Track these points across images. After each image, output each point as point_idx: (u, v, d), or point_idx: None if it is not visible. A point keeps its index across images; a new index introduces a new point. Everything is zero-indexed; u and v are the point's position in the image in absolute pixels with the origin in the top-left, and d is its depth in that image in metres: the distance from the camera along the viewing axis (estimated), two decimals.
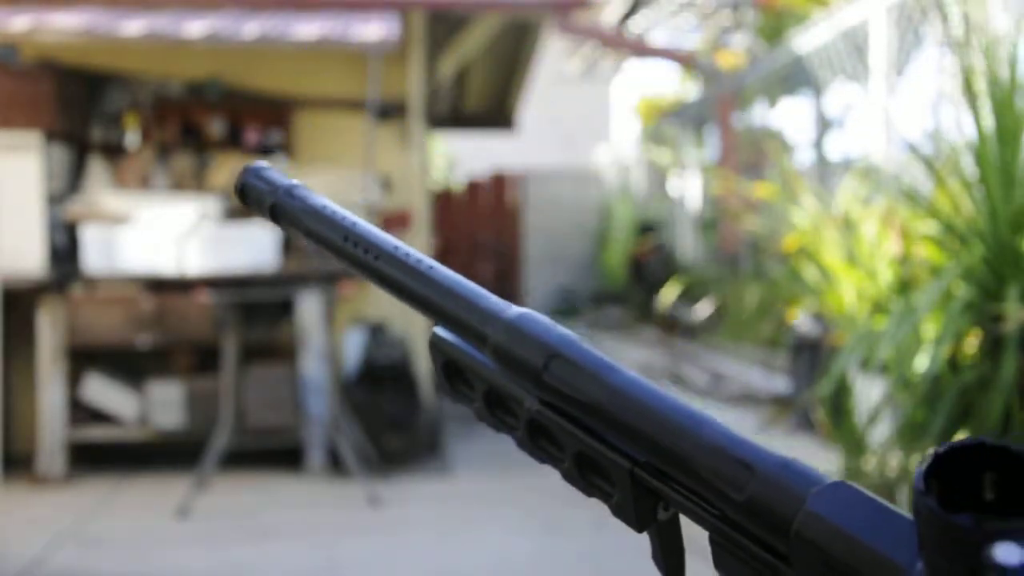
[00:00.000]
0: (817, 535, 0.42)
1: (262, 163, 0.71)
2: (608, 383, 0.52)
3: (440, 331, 0.62)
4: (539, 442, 0.57)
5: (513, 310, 0.57)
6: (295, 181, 0.69)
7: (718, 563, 0.49)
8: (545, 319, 0.57)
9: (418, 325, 6.77)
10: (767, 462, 0.46)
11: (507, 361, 0.56)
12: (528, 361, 0.55)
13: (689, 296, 9.90)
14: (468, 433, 6.89)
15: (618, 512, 0.55)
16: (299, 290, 5.75)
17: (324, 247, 0.65)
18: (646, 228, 11.29)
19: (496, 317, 0.57)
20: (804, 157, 9.25)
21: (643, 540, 0.56)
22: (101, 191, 6.16)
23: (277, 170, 0.71)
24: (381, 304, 6.68)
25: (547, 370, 0.54)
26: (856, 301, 4.74)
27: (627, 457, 0.53)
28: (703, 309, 9.64)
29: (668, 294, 9.56)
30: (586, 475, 0.56)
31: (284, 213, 0.68)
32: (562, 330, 0.56)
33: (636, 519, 0.54)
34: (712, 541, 0.49)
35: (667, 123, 11.85)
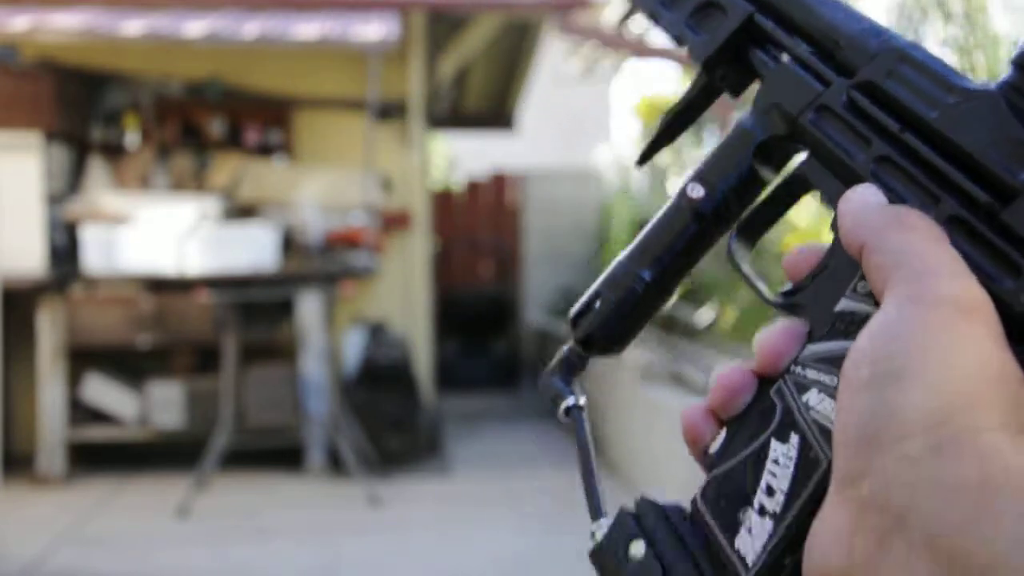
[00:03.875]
0: None
1: None
2: None
3: None
4: None
5: None
6: None
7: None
8: None
9: (418, 325, 6.77)
10: None
11: None
12: None
13: (689, 297, 9.89)
14: (468, 433, 6.89)
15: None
16: (299, 290, 5.74)
17: None
18: None
19: None
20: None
21: None
22: (101, 191, 6.15)
23: None
24: (381, 304, 6.68)
25: None
26: None
27: None
28: (703, 309, 9.64)
29: None
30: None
31: None
32: None
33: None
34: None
35: None
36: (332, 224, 6.25)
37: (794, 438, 0.43)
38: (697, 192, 0.50)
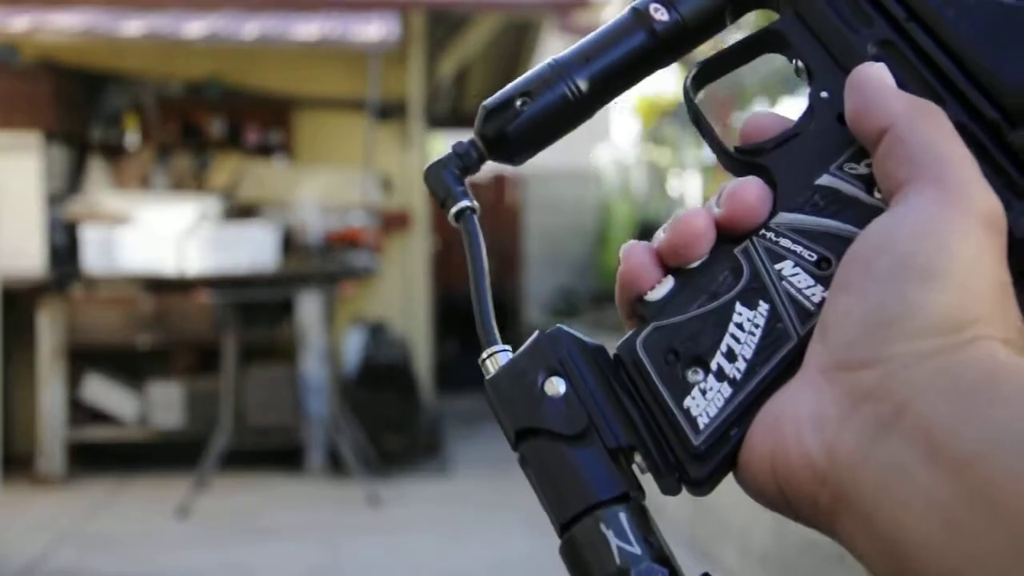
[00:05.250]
0: None
1: None
2: None
3: None
4: None
5: None
6: None
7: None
8: None
9: (418, 325, 6.77)
10: None
11: None
12: None
13: None
14: (468, 433, 6.89)
15: None
16: (299, 290, 5.74)
17: None
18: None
19: None
20: None
21: None
22: (101, 191, 6.15)
23: None
24: (381, 304, 6.68)
25: None
26: None
27: None
28: None
29: None
30: None
31: None
32: None
33: None
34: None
35: (667, 123, 11.85)
36: (332, 224, 6.25)
37: (763, 306, 0.41)
38: (662, 15, 0.46)
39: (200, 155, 6.66)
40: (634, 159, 12.57)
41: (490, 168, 0.50)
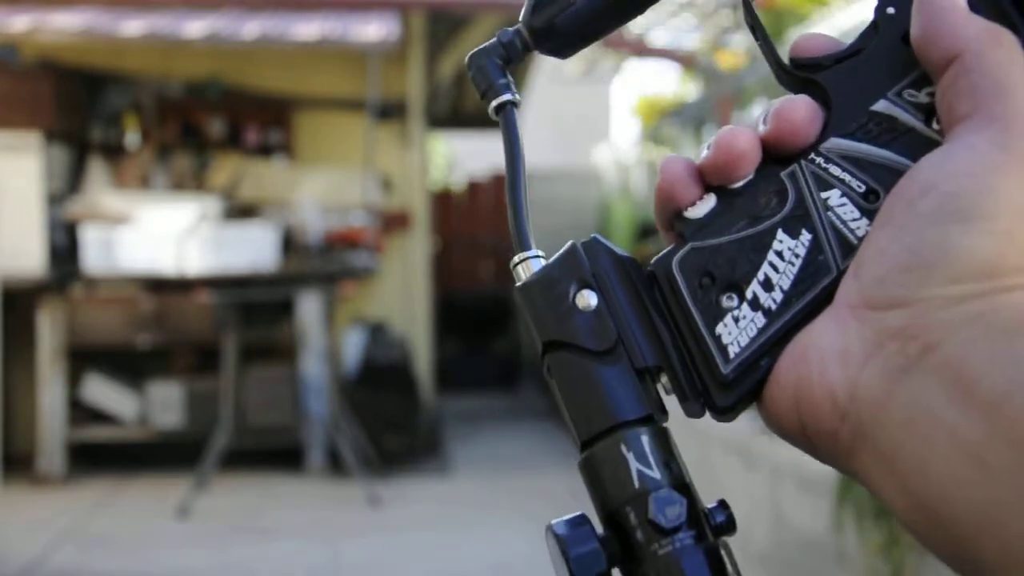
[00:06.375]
0: None
1: None
2: None
3: None
4: None
5: None
6: None
7: None
8: None
9: (418, 325, 6.77)
10: None
11: None
12: None
13: None
14: (468, 433, 6.89)
15: None
16: (299, 290, 5.74)
17: None
18: (646, 235, 11.30)
19: None
20: None
21: None
22: (101, 191, 6.15)
23: None
24: (381, 304, 6.68)
25: None
26: None
27: None
28: None
29: None
30: None
31: None
32: None
33: None
34: None
35: (667, 123, 11.85)
36: (332, 224, 6.25)
37: (805, 235, 0.39)
38: None
39: (200, 155, 6.65)
40: (634, 159, 12.57)
41: (491, 168, 0.49)
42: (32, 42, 5.99)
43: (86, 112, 6.45)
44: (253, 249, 5.87)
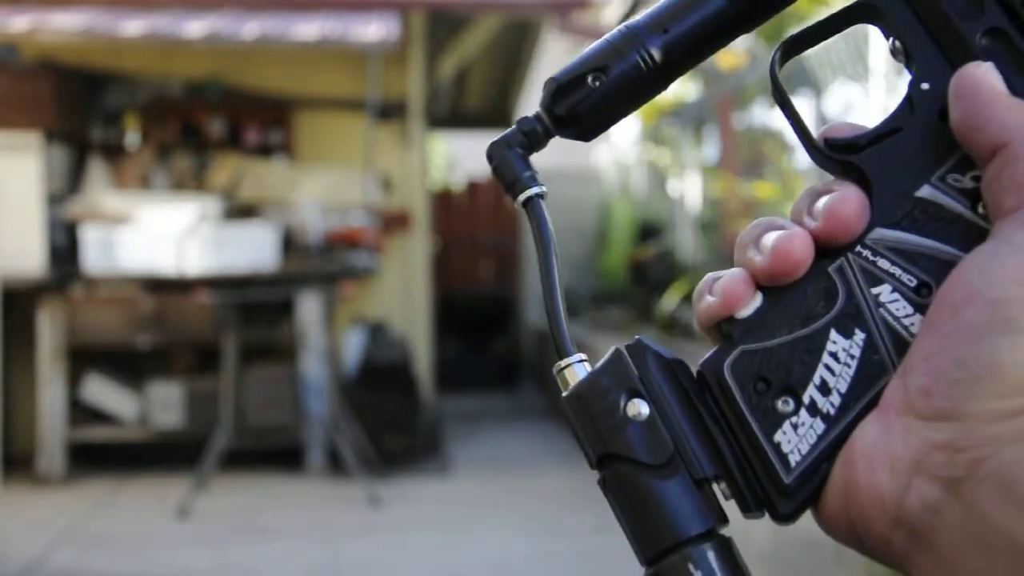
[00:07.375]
0: None
1: None
2: None
3: None
4: None
5: None
6: None
7: None
8: None
9: (418, 325, 6.77)
10: None
11: None
12: None
13: (690, 297, 9.88)
14: (468, 433, 6.89)
15: None
16: (299, 290, 5.74)
17: None
18: (647, 235, 11.30)
19: None
20: (804, 157, 9.24)
21: None
22: (101, 191, 6.16)
23: None
24: (381, 304, 6.68)
25: None
26: None
27: None
28: None
29: (669, 296, 9.57)
30: None
31: None
32: None
33: None
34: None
35: (667, 123, 11.84)
36: (332, 224, 6.25)
37: (859, 335, 0.38)
38: None
39: (200, 155, 6.65)
40: (634, 159, 12.57)
41: (490, 168, 0.49)
42: (32, 42, 5.99)
43: (86, 112, 6.45)
44: (253, 249, 5.87)
